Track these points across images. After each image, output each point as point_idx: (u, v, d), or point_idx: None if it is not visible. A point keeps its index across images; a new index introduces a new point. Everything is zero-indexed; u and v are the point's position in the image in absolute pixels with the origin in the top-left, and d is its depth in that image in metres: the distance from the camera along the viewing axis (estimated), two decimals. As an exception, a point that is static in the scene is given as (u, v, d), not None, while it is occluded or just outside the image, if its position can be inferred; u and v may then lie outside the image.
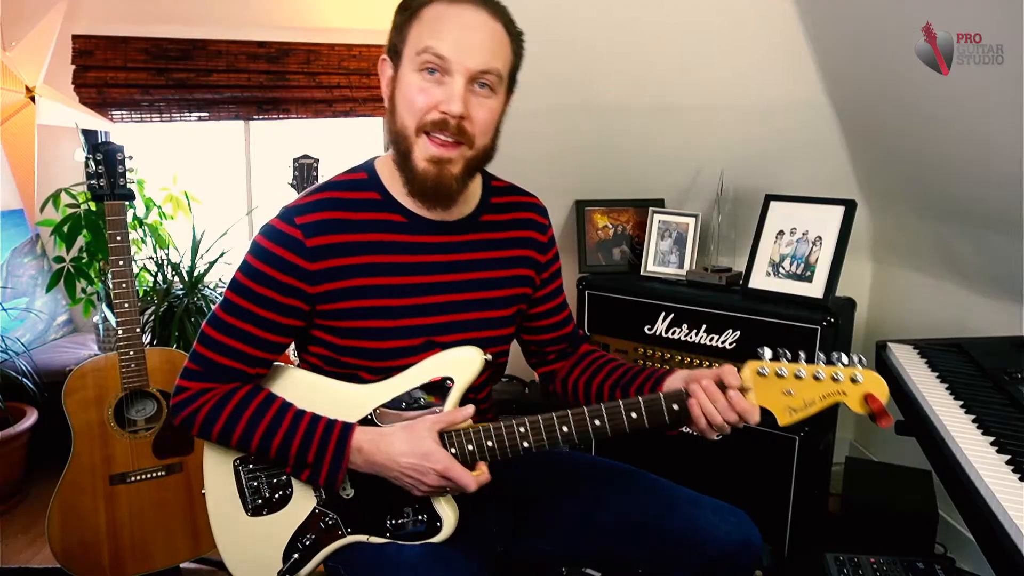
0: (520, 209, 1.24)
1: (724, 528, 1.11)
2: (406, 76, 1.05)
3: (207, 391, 1.10)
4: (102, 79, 2.93)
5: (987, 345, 1.51)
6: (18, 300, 2.75)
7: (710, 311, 2.09)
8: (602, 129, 2.39)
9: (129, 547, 1.84)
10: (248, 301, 1.08)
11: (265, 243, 1.08)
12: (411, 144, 1.05)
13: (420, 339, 1.11)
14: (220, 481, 1.16)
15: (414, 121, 1.04)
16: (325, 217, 1.08)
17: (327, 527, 1.12)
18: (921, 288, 2.25)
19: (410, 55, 1.04)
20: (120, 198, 1.87)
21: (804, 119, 2.20)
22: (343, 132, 3.37)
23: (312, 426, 1.07)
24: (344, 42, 3.09)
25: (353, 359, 1.11)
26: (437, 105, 1.02)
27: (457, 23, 1.02)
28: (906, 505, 1.76)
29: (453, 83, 1.02)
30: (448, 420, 1.07)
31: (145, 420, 1.88)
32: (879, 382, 1.01)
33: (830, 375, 1.01)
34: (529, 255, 1.24)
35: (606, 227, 2.50)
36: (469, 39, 1.02)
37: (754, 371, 1.03)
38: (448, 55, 1.01)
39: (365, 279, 1.09)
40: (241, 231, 3.17)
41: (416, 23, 1.04)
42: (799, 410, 1.03)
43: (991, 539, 0.89)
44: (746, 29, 2.05)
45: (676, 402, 1.04)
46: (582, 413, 1.06)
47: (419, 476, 1.03)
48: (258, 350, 1.10)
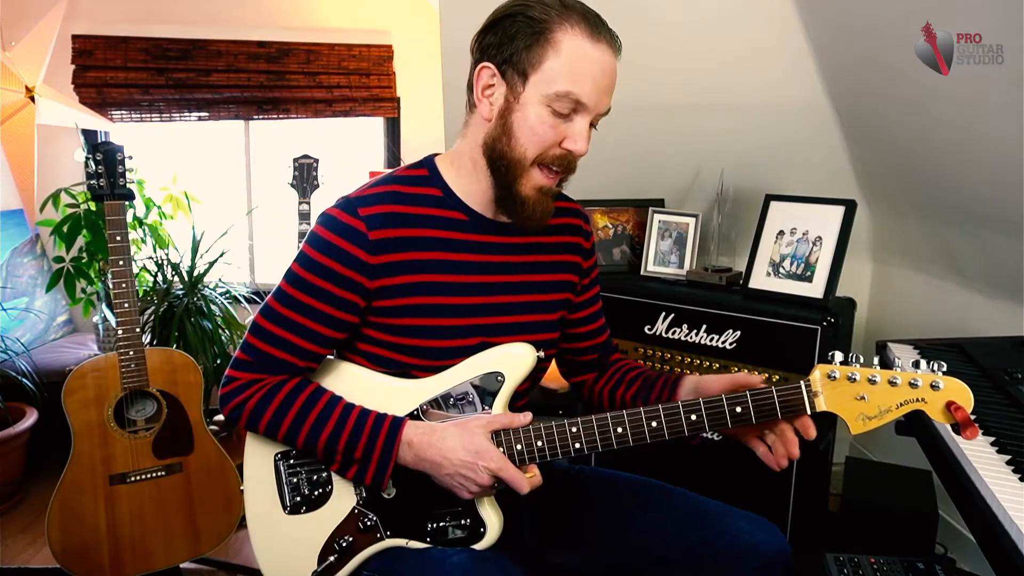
0: (568, 215, 1.24)
1: (760, 537, 1.09)
2: (533, 105, 1.01)
3: (256, 382, 1.08)
4: (102, 79, 2.94)
5: (987, 345, 1.51)
6: (18, 300, 2.75)
7: (710, 311, 2.09)
8: (602, 129, 2.38)
9: (129, 547, 1.84)
10: (304, 293, 1.06)
11: (326, 234, 1.05)
12: (523, 171, 1.04)
13: (475, 339, 1.09)
14: (259, 477, 1.14)
15: (536, 152, 1.03)
16: (389, 210, 1.06)
17: (366, 528, 1.09)
18: (921, 288, 2.25)
19: (544, 89, 1.00)
20: (120, 198, 1.87)
21: (804, 119, 2.20)
22: (343, 132, 3.37)
23: (361, 420, 1.05)
24: (344, 42, 3.09)
25: (405, 357, 1.09)
26: (562, 142, 1.03)
27: (599, 68, 1.01)
28: (906, 505, 1.76)
29: (583, 124, 1.03)
30: (504, 422, 1.04)
31: (145, 420, 1.88)
32: (963, 390, 0.94)
33: (907, 381, 0.95)
34: (575, 260, 1.24)
35: (606, 227, 2.50)
36: (604, 83, 1.03)
37: (824, 375, 0.98)
38: (588, 103, 1.01)
39: (424, 275, 1.07)
40: (241, 231, 3.17)
41: (551, 51, 1.00)
42: (874, 417, 0.97)
43: (991, 539, 0.89)
44: (746, 29, 2.05)
45: (739, 404, 1.01)
46: (638, 414, 1.02)
47: (471, 475, 1.00)
48: (311, 343, 1.07)
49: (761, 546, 1.08)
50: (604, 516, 1.19)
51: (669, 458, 2.16)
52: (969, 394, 0.94)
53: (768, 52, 2.08)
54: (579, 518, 1.20)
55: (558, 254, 1.21)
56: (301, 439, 1.07)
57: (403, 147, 3.23)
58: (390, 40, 3.12)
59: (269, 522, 1.13)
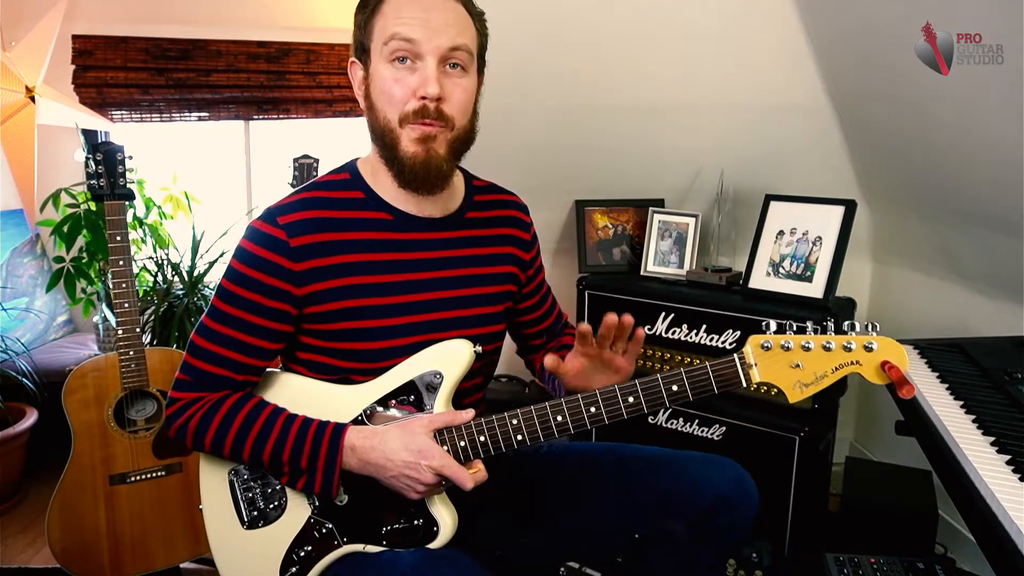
0: (503, 207, 1.24)
1: (716, 476, 1.10)
2: (378, 70, 1.05)
3: (197, 401, 1.09)
4: (102, 79, 2.93)
5: (987, 345, 1.51)
6: (18, 300, 2.75)
7: (710, 311, 2.09)
8: (603, 129, 2.39)
9: (129, 547, 1.84)
10: (234, 307, 1.07)
11: (248, 246, 1.07)
12: (396, 136, 1.05)
13: (411, 338, 1.10)
14: (216, 494, 1.15)
15: (396, 112, 1.04)
16: (309, 216, 1.07)
17: (323, 537, 1.10)
18: (921, 288, 2.25)
19: (378, 48, 1.04)
20: (120, 198, 1.87)
21: (804, 119, 2.20)
22: (343, 132, 3.37)
23: (303, 429, 1.06)
24: (344, 42, 3.06)
25: (344, 362, 1.10)
26: (414, 92, 1.02)
27: (419, 6, 1.03)
28: (906, 505, 1.76)
29: (426, 66, 1.02)
30: (445, 420, 1.05)
31: (145, 420, 1.88)
32: (896, 348, 0.94)
33: (841, 344, 0.95)
34: (514, 252, 1.23)
35: (606, 227, 2.50)
36: (434, 19, 1.03)
37: (757, 345, 0.98)
38: (416, 36, 1.01)
39: (352, 278, 1.07)
40: (241, 231, 3.17)
41: (379, 17, 1.05)
42: (810, 384, 0.96)
43: (991, 539, 0.88)
44: (746, 29, 2.05)
45: (675, 383, 1.01)
46: (576, 401, 1.03)
47: (414, 474, 1.01)
48: (247, 357, 1.08)
49: (716, 483, 1.10)
50: (566, 494, 1.20)
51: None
52: (902, 352, 0.94)
53: (768, 52, 2.08)
54: (543, 501, 1.20)
55: (495, 246, 1.21)
56: (246, 453, 1.07)
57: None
58: (390, 40, 3.12)
59: (229, 538, 1.14)
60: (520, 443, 1.05)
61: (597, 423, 1.03)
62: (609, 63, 2.19)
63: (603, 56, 2.17)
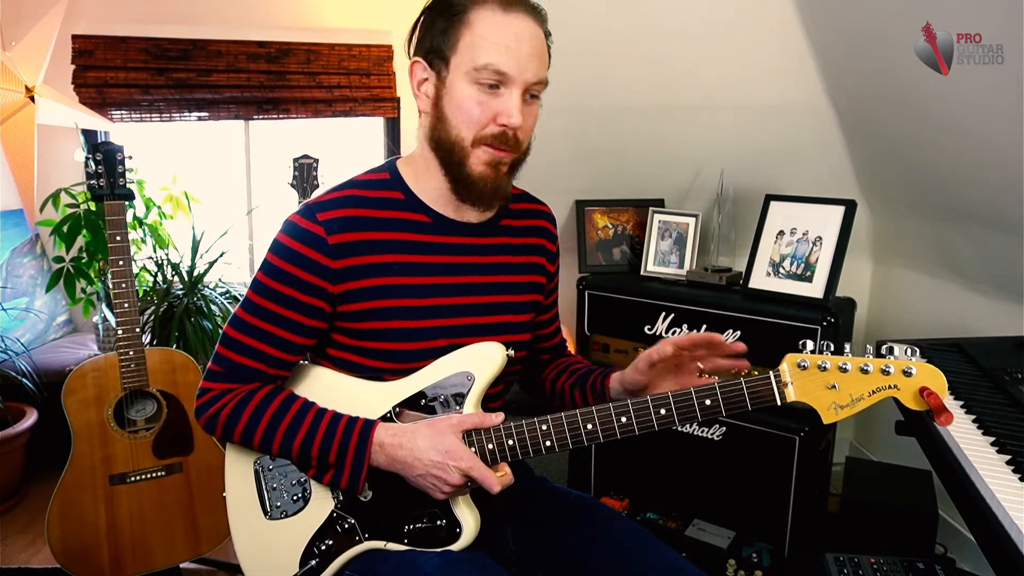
0: (535, 216, 1.25)
1: None
2: (459, 86, 1.03)
3: (229, 391, 1.09)
4: (102, 79, 2.93)
5: (987, 345, 1.51)
6: (18, 300, 2.75)
7: (710, 311, 2.09)
8: (602, 129, 2.39)
9: (129, 547, 1.85)
10: (270, 301, 1.06)
11: (286, 240, 1.06)
12: (467, 154, 1.05)
13: (443, 340, 1.09)
14: (240, 484, 1.15)
15: (472, 133, 1.04)
16: (348, 214, 1.07)
17: (344, 532, 1.10)
18: (921, 288, 2.25)
19: (464, 67, 1.02)
20: (120, 198, 1.87)
21: (804, 119, 2.20)
22: (343, 132, 3.37)
23: (333, 424, 1.06)
24: (344, 42, 3.09)
25: (375, 361, 1.09)
26: (495, 118, 1.03)
27: (513, 35, 1.01)
28: (906, 505, 1.76)
29: (511, 96, 1.02)
30: (475, 422, 1.04)
31: (145, 420, 1.88)
32: (936, 374, 0.92)
33: (879, 368, 0.93)
34: (541, 263, 1.24)
35: (606, 227, 2.50)
36: (524, 50, 1.02)
37: (794, 364, 0.96)
38: (509, 71, 1.01)
39: (388, 279, 1.07)
40: (241, 231, 3.17)
41: (466, 30, 1.02)
42: (846, 406, 0.95)
43: (991, 539, 0.88)
44: (746, 29, 2.05)
45: (708, 397, 1.00)
46: (607, 410, 1.02)
47: (441, 475, 1.00)
48: (280, 351, 1.08)
49: None
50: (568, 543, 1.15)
51: (670, 456, 2.16)
52: (942, 379, 0.92)
53: (768, 53, 2.08)
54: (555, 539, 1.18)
55: (525, 255, 1.21)
56: (275, 446, 1.07)
57: (403, 147, 3.22)
58: (390, 40, 3.12)
59: (251, 528, 1.14)
60: (548, 449, 1.04)
61: (627, 434, 1.02)
62: (610, 64, 2.19)
63: (604, 57, 2.17)
